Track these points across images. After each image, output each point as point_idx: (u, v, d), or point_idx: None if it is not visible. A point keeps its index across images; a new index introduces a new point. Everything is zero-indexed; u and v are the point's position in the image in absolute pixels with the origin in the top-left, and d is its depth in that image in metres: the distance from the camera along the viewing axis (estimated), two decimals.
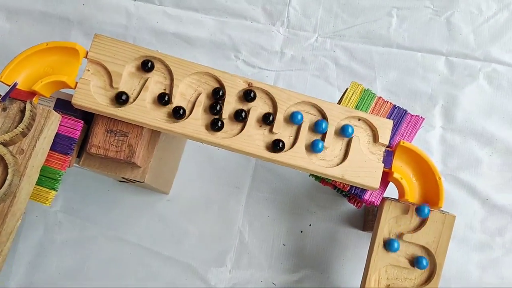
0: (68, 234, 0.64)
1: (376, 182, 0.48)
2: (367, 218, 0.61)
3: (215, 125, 0.47)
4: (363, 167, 0.48)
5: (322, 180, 0.52)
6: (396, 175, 0.48)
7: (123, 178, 0.53)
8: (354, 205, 0.53)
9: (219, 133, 0.47)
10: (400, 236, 0.49)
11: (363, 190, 0.49)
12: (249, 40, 0.69)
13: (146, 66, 0.47)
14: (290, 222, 0.63)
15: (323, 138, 0.48)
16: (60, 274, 0.63)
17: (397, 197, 0.51)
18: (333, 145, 0.48)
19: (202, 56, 0.68)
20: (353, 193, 0.49)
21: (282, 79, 0.68)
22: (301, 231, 0.63)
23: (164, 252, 0.63)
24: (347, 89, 0.51)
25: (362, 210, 0.63)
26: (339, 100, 0.51)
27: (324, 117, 0.48)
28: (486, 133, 0.64)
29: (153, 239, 0.64)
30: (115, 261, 0.63)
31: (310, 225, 0.63)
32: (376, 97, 0.51)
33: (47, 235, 0.64)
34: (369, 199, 0.49)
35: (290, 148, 0.48)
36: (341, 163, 0.48)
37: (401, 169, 0.49)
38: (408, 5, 0.69)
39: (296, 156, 0.47)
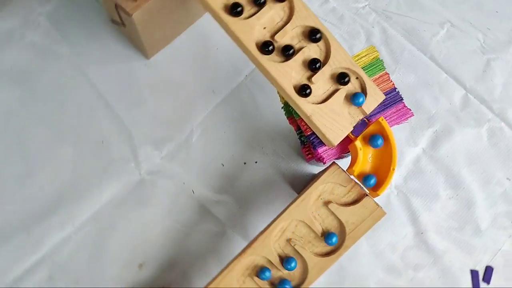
0: (40, 38, 0.62)
1: (336, 139, 0.46)
2: (308, 184, 0.59)
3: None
4: (333, 120, 0.46)
5: (290, 116, 0.50)
6: (358, 143, 0.46)
7: (116, 5, 0.50)
8: (304, 155, 0.52)
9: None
10: (326, 203, 0.48)
11: (320, 143, 0.48)
12: None
13: None
14: (240, 149, 0.62)
15: (314, 73, 0.46)
16: (12, 69, 0.61)
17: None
18: (319, 84, 0.46)
19: None
20: (311, 140, 0.48)
21: None
22: (245, 163, 0.62)
23: (114, 107, 0.61)
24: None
25: (308, 179, 0.62)
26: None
27: (328, 54, 0.46)
28: (458, 177, 0.62)
29: (111, 90, 0.62)
30: (65, 86, 0.61)
31: (256, 162, 0.62)
32: (385, 71, 0.49)
33: (20, 29, 0.62)
34: (321, 154, 0.48)
35: (283, 62, 0.46)
36: (317, 104, 0.46)
37: (365, 143, 0.47)
38: (462, 27, 0.67)
39: (282, 72, 0.45)
